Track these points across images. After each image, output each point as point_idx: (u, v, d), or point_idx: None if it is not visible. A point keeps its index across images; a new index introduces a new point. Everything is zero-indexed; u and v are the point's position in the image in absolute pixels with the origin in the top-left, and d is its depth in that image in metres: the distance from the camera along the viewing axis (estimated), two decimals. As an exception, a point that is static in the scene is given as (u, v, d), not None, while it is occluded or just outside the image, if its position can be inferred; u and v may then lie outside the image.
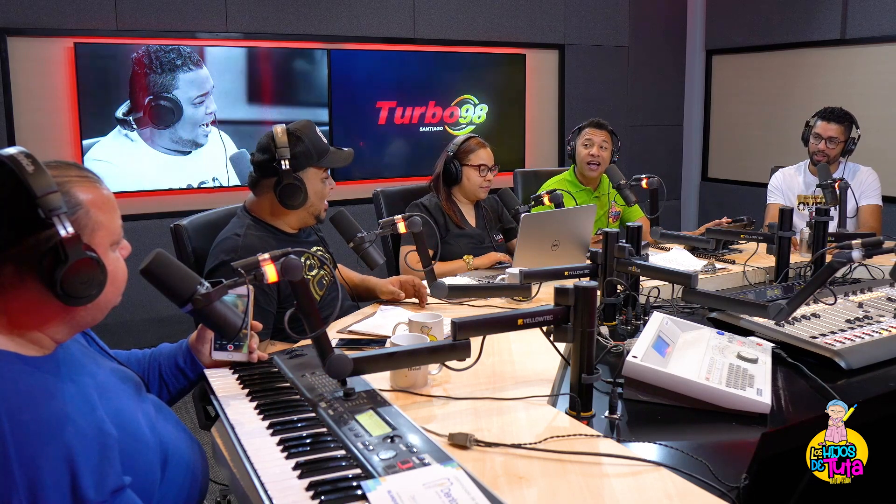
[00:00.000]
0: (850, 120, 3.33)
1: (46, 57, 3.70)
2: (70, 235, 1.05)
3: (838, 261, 1.70)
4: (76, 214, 1.10)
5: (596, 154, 3.21)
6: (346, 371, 1.36)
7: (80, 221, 1.10)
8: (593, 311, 1.36)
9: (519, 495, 1.10)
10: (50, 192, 1.04)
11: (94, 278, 1.09)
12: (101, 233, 1.14)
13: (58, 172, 1.11)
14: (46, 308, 1.10)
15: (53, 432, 0.99)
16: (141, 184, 3.95)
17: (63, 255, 1.05)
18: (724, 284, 2.53)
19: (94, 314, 1.16)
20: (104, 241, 1.14)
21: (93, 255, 1.08)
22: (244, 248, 1.95)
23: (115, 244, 1.18)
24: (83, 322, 1.17)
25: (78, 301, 1.08)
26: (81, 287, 1.07)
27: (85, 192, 1.12)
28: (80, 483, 0.98)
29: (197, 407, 2.05)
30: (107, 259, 1.14)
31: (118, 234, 1.18)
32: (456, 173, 2.85)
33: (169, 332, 1.98)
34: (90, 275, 1.08)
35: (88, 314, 1.15)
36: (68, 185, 1.11)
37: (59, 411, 1.02)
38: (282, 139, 2.00)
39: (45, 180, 1.04)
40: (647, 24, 5.47)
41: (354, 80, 4.46)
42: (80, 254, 1.06)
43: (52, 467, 0.97)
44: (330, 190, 2.15)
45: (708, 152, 5.76)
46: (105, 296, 1.13)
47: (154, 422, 1.26)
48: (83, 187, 1.13)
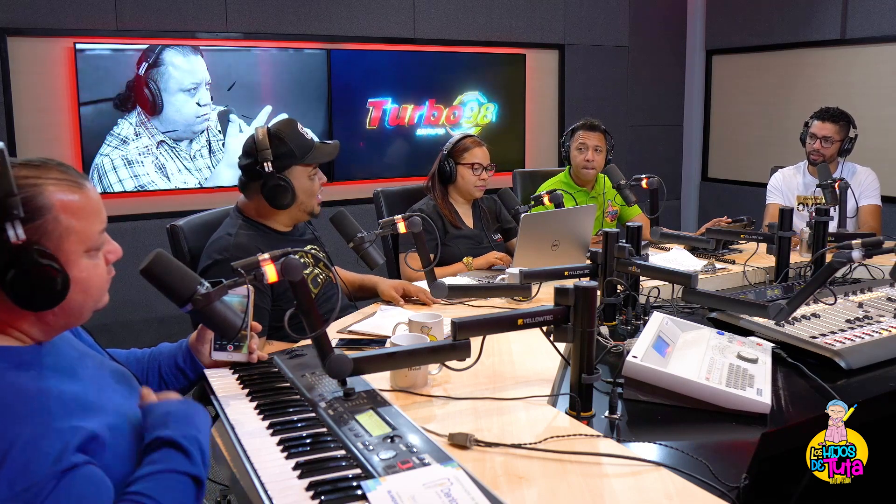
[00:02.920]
0: (846, 119, 3.33)
1: (46, 57, 3.70)
2: (20, 242, 1.02)
3: (838, 261, 1.70)
4: (42, 219, 1.06)
5: (590, 159, 3.23)
6: (346, 371, 1.36)
7: (44, 227, 1.06)
8: (593, 311, 1.36)
9: (519, 495, 1.09)
10: (7, 195, 1.00)
11: (49, 286, 1.05)
12: (71, 239, 1.09)
13: (35, 173, 1.07)
14: (15, 308, 1.06)
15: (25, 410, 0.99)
16: (140, 184, 3.95)
17: (12, 261, 1.02)
18: (724, 284, 2.53)
19: (67, 319, 1.13)
20: (75, 248, 1.09)
21: (51, 264, 1.04)
22: (236, 247, 1.95)
23: (92, 250, 1.12)
24: (56, 325, 1.13)
25: (33, 307, 1.05)
26: (34, 294, 1.04)
27: (60, 196, 1.08)
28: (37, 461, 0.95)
29: (197, 407, 2.05)
30: (77, 266, 1.10)
31: (94, 241, 1.13)
32: (450, 172, 2.85)
33: (169, 332, 1.98)
34: (44, 283, 1.04)
35: (59, 319, 1.11)
36: (42, 187, 1.07)
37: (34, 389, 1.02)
38: (263, 141, 2.00)
39: (5, 182, 1.00)
40: (647, 24, 5.47)
41: (354, 80, 4.45)
42: (33, 261, 1.03)
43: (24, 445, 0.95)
44: (321, 184, 2.16)
45: (708, 152, 5.76)
46: (73, 302, 1.10)
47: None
48: (59, 190, 1.08)
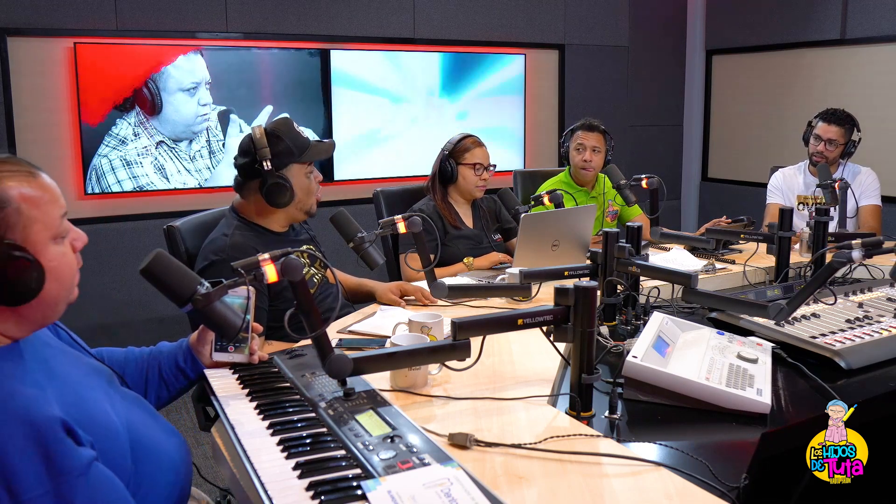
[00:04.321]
0: (851, 122, 3.32)
1: (46, 57, 3.70)
2: None
3: (838, 261, 1.70)
4: (3, 211, 1.06)
5: (588, 159, 3.23)
6: (346, 371, 1.36)
7: (7, 219, 1.06)
8: (593, 311, 1.36)
9: (519, 495, 1.09)
10: None
11: (24, 277, 1.05)
12: (35, 227, 1.09)
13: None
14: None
15: (15, 411, 0.97)
16: (140, 185, 3.95)
17: None
18: (724, 284, 2.53)
19: (44, 311, 1.13)
20: (41, 237, 1.10)
21: (23, 255, 1.05)
22: (232, 248, 1.96)
23: (57, 237, 1.13)
24: (34, 319, 1.13)
25: (12, 301, 1.06)
26: (11, 287, 1.04)
27: (16, 187, 1.08)
28: (51, 458, 0.96)
29: (196, 407, 2.05)
30: (46, 255, 1.10)
31: (57, 227, 1.13)
32: (451, 172, 2.85)
33: (169, 332, 1.97)
34: (18, 274, 1.05)
35: (37, 311, 1.12)
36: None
37: (17, 391, 1.00)
38: (261, 140, 2.01)
39: None
40: (647, 24, 5.47)
41: (354, 80, 4.46)
42: (6, 255, 1.03)
43: (17, 445, 0.95)
44: (318, 183, 2.16)
45: (708, 152, 5.76)
46: (49, 293, 1.10)
47: (123, 412, 1.23)
48: (15, 181, 1.08)
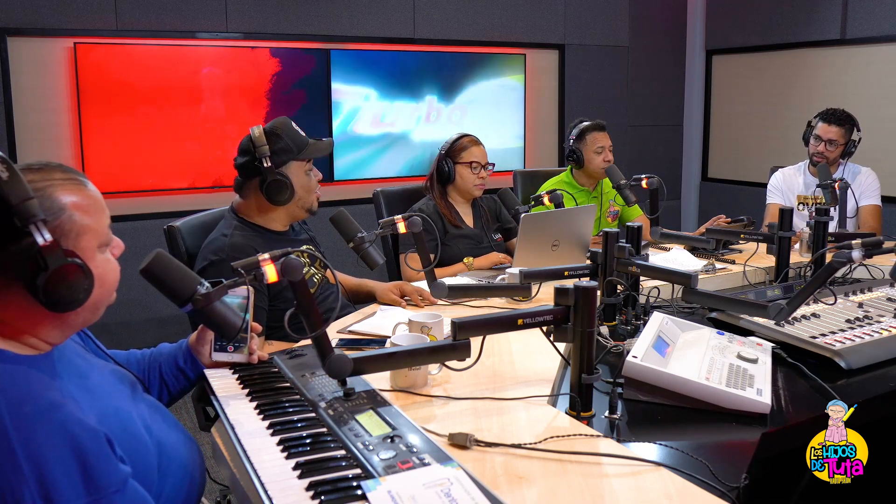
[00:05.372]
0: (851, 122, 3.32)
1: (46, 57, 3.70)
2: (48, 243, 1.03)
3: (838, 261, 1.70)
4: (59, 220, 1.08)
5: (610, 159, 3.25)
6: (346, 371, 1.36)
7: (63, 227, 1.08)
8: (593, 311, 1.36)
9: (519, 495, 1.09)
10: (26, 199, 1.01)
11: (78, 284, 1.07)
12: (87, 236, 1.12)
13: (40, 176, 1.09)
14: (36, 313, 1.08)
15: (56, 422, 0.98)
16: (140, 184, 3.95)
17: (43, 263, 1.02)
18: (724, 284, 2.53)
19: (85, 316, 1.15)
20: (91, 244, 1.12)
21: (76, 262, 1.06)
22: (231, 248, 1.96)
23: (103, 245, 1.16)
24: (75, 324, 1.15)
25: (64, 307, 1.07)
26: (66, 293, 1.05)
27: (69, 196, 1.10)
28: (90, 472, 0.97)
29: (196, 407, 2.05)
30: (94, 262, 1.12)
31: (106, 235, 1.16)
32: (449, 172, 2.85)
33: (169, 332, 1.98)
34: (73, 281, 1.06)
35: (80, 317, 1.14)
36: (51, 189, 1.09)
37: (59, 403, 1.01)
38: (260, 139, 2.03)
39: (21, 187, 1.01)
40: (647, 24, 5.47)
41: (354, 79, 4.46)
42: (61, 260, 1.04)
43: (58, 457, 0.96)
44: (318, 180, 2.18)
45: (708, 152, 5.76)
46: (95, 298, 1.12)
47: (149, 422, 1.25)
48: (67, 190, 1.10)
